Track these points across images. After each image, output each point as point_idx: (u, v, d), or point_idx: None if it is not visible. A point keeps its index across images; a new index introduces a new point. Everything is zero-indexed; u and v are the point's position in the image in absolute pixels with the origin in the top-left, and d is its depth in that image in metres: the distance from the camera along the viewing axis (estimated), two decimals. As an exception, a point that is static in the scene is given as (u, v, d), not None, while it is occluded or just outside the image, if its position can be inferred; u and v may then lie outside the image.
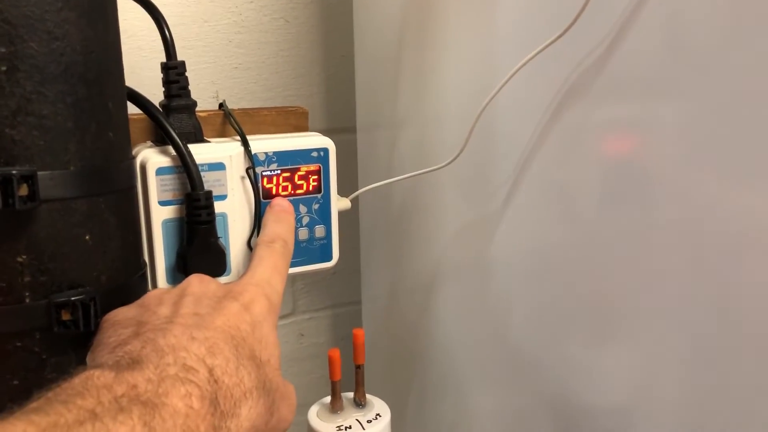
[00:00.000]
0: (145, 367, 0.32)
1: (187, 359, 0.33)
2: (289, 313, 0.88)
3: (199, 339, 0.35)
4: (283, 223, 0.49)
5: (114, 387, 0.30)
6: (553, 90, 0.47)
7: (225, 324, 0.37)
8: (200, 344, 0.34)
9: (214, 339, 0.35)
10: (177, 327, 0.35)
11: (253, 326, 0.38)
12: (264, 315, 0.40)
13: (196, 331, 0.35)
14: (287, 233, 0.49)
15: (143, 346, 0.33)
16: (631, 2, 0.40)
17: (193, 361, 0.33)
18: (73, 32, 0.37)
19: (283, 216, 0.50)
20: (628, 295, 0.44)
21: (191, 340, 0.34)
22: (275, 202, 0.51)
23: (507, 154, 0.53)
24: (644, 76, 0.41)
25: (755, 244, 0.35)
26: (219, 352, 0.34)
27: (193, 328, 0.35)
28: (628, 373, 0.46)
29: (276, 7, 0.79)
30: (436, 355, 0.68)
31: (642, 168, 0.42)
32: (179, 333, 0.35)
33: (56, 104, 0.37)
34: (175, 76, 0.49)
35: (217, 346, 0.35)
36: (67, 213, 0.38)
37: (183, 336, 0.34)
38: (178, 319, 0.36)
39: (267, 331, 0.39)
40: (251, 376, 0.35)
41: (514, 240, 0.55)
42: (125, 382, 0.30)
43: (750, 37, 0.34)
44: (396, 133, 0.70)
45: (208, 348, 0.34)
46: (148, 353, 0.33)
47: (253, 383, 0.35)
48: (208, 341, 0.35)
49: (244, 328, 0.38)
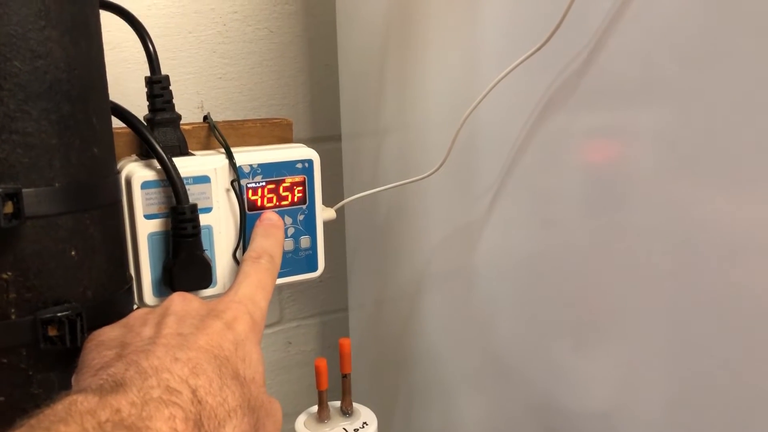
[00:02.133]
0: (128, 390, 0.31)
1: (170, 381, 0.33)
2: (277, 322, 0.89)
3: (183, 360, 0.34)
4: (271, 238, 0.49)
5: (98, 412, 0.30)
6: (534, 99, 0.48)
7: (208, 343, 0.37)
8: (183, 365, 0.34)
9: (197, 359, 0.35)
10: (160, 348, 0.35)
11: (237, 345, 0.38)
12: (247, 333, 0.40)
13: (179, 352, 0.35)
14: (275, 248, 0.49)
15: (126, 368, 0.33)
16: (610, 12, 0.41)
17: (177, 383, 0.33)
18: (56, 50, 0.38)
19: (271, 231, 0.50)
20: (611, 300, 0.45)
21: (174, 361, 0.34)
22: (265, 215, 0.51)
23: (490, 163, 0.54)
24: (623, 84, 0.41)
25: (735, 248, 0.36)
26: (202, 373, 0.34)
27: (176, 349, 0.35)
28: (611, 378, 0.46)
29: (260, 18, 0.79)
30: (422, 361, 0.69)
31: (623, 174, 0.43)
32: (162, 354, 0.35)
33: (40, 122, 0.37)
34: (159, 90, 0.50)
35: (200, 367, 0.35)
36: (53, 229, 0.38)
37: (166, 357, 0.34)
38: (161, 339, 0.36)
39: (250, 349, 0.39)
40: (235, 395, 0.35)
41: (498, 247, 0.55)
42: (109, 406, 0.30)
43: (726, 45, 0.35)
44: (381, 141, 0.70)
45: (192, 369, 0.34)
46: (131, 376, 0.33)
47: (237, 402, 0.35)
48: (191, 362, 0.35)
49: (228, 347, 0.37)
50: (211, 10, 0.76)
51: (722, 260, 0.37)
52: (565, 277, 0.49)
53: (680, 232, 0.39)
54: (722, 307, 0.37)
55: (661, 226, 0.40)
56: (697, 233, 0.38)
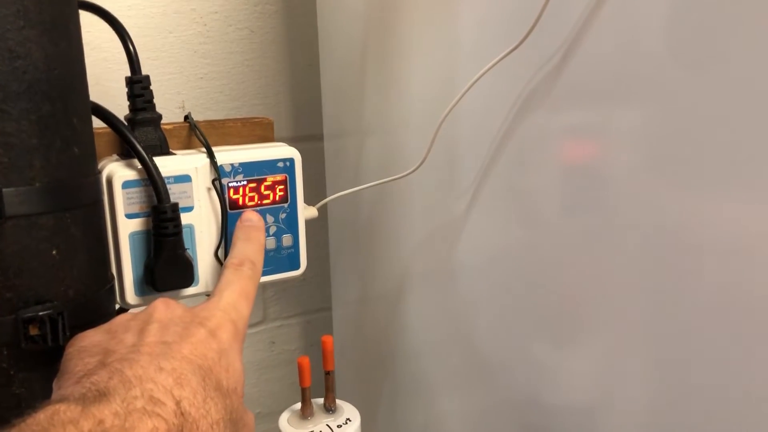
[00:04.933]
0: (111, 399, 0.31)
1: (154, 391, 0.33)
2: (260, 321, 0.89)
3: (167, 369, 0.34)
4: (252, 242, 0.49)
5: (80, 422, 0.29)
6: (512, 98, 0.48)
7: (192, 353, 0.36)
8: (168, 375, 0.34)
9: (182, 369, 0.35)
10: (144, 357, 0.35)
11: (220, 354, 0.38)
12: (230, 342, 0.40)
13: (163, 361, 0.35)
14: (256, 254, 0.48)
15: (110, 377, 0.33)
16: (586, 10, 0.41)
17: (161, 393, 0.33)
18: (35, 50, 0.38)
19: (252, 233, 0.50)
20: (590, 297, 0.45)
21: (159, 370, 0.34)
22: (245, 216, 0.51)
23: (469, 161, 0.54)
24: (600, 83, 0.42)
25: (713, 245, 0.37)
26: (186, 384, 0.34)
27: (160, 358, 0.35)
28: (592, 373, 0.47)
29: (241, 18, 0.79)
30: (405, 358, 0.69)
31: (600, 172, 0.43)
32: (146, 363, 0.34)
33: (20, 121, 0.37)
34: (140, 90, 0.50)
35: (184, 377, 0.34)
36: (33, 229, 0.38)
37: (150, 366, 0.34)
38: (145, 347, 0.36)
39: (233, 359, 0.39)
40: (218, 407, 0.35)
41: (478, 245, 0.56)
42: (92, 416, 0.30)
43: (702, 45, 0.36)
44: (362, 140, 0.70)
45: (176, 379, 0.34)
46: (114, 385, 0.32)
47: (220, 415, 0.35)
48: (175, 371, 0.34)
49: (211, 356, 0.37)
50: (192, 10, 0.76)
51: (700, 257, 0.37)
52: (544, 274, 0.49)
53: (658, 229, 0.40)
54: (701, 302, 0.38)
55: (639, 223, 0.41)
56: (674, 230, 0.39)
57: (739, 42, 0.34)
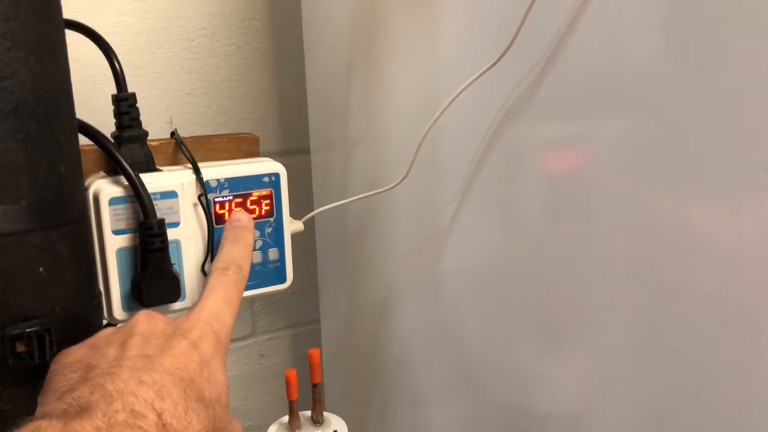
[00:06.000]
0: (93, 414, 0.31)
1: (135, 404, 0.33)
2: (249, 335, 0.89)
3: (148, 382, 0.35)
4: (239, 245, 0.49)
5: None
6: (494, 111, 0.49)
7: (173, 365, 0.37)
8: (149, 388, 0.34)
9: (163, 382, 0.35)
10: (125, 370, 0.35)
11: (202, 365, 0.38)
12: (212, 353, 0.40)
13: (144, 374, 0.35)
14: (243, 257, 0.48)
15: (92, 392, 0.33)
16: (564, 24, 0.42)
17: (142, 406, 0.33)
18: (22, 71, 0.38)
19: (241, 234, 0.50)
20: (577, 305, 0.46)
21: (140, 384, 0.34)
22: (234, 216, 0.51)
23: (453, 173, 0.55)
24: (580, 93, 0.43)
25: (698, 251, 0.37)
26: (167, 396, 0.34)
27: (141, 371, 0.35)
28: (580, 381, 0.47)
29: (227, 33, 0.80)
30: (394, 369, 0.69)
31: (583, 182, 0.44)
32: (127, 377, 0.35)
33: (7, 141, 0.38)
34: (126, 108, 0.50)
35: (165, 389, 0.35)
36: (21, 247, 0.39)
37: (131, 380, 0.34)
38: (126, 361, 0.36)
39: (215, 369, 0.39)
40: (200, 417, 0.35)
41: (465, 254, 0.56)
42: (73, 431, 0.30)
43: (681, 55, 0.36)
44: (349, 153, 0.71)
45: (157, 391, 0.34)
46: (96, 399, 0.33)
47: (202, 425, 0.35)
48: (156, 384, 0.35)
49: (193, 368, 0.38)
50: (179, 27, 0.77)
51: (686, 262, 0.38)
52: (530, 283, 0.50)
53: (643, 235, 0.40)
54: (687, 309, 0.38)
55: (624, 229, 0.41)
56: (659, 236, 0.39)
57: (717, 51, 0.35)
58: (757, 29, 0.33)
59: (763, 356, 0.35)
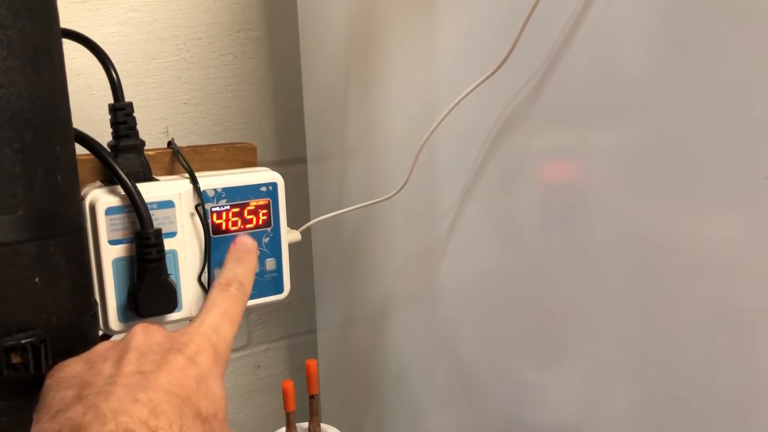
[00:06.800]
0: None
1: (129, 423, 0.32)
2: (245, 345, 0.89)
3: (143, 401, 0.34)
4: (243, 264, 0.49)
5: None
6: (491, 121, 0.49)
7: (169, 382, 0.36)
8: (143, 406, 0.34)
9: (158, 400, 0.35)
10: (120, 388, 0.35)
11: (198, 381, 0.38)
12: (210, 367, 0.39)
13: (139, 393, 0.35)
14: (245, 275, 0.48)
15: (85, 412, 0.33)
16: (561, 35, 0.42)
17: (136, 425, 0.33)
18: (19, 80, 0.38)
19: (244, 256, 0.49)
20: (573, 316, 0.46)
21: (134, 402, 0.34)
22: (239, 239, 0.51)
23: (451, 183, 0.55)
24: (578, 104, 0.43)
25: (693, 263, 0.37)
26: (162, 414, 0.34)
27: (136, 389, 0.35)
28: (576, 393, 0.47)
29: (224, 43, 0.80)
30: (391, 380, 0.69)
31: (580, 193, 0.44)
32: (122, 395, 0.34)
33: (3, 150, 0.38)
34: (123, 117, 0.50)
35: (160, 408, 0.34)
36: (16, 257, 0.39)
37: (125, 398, 0.34)
38: (121, 379, 0.36)
39: (212, 384, 0.39)
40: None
41: (461, 266, 0.56)
42: None
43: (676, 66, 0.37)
44: (345, 163, 0.71)
45: (151, 410, 0.34)
46: (89, 420, 0.32)
47: None
48: (151, 402, 0.34)
49: (189, 384, 0.37)
50: (175, 37, 0.77)
51: (683, 274, 0.38)
52: (526, 294, 0.50)
53: (640, 246, 0.40)
54: (685, 320, 0.38)
55: (621, 241, 0.41)
56: (656, 247, 0.39)
57: (718, 61, 0.35)
58: (759, 41, 0.33)
59: (762, 368, 0.35)
